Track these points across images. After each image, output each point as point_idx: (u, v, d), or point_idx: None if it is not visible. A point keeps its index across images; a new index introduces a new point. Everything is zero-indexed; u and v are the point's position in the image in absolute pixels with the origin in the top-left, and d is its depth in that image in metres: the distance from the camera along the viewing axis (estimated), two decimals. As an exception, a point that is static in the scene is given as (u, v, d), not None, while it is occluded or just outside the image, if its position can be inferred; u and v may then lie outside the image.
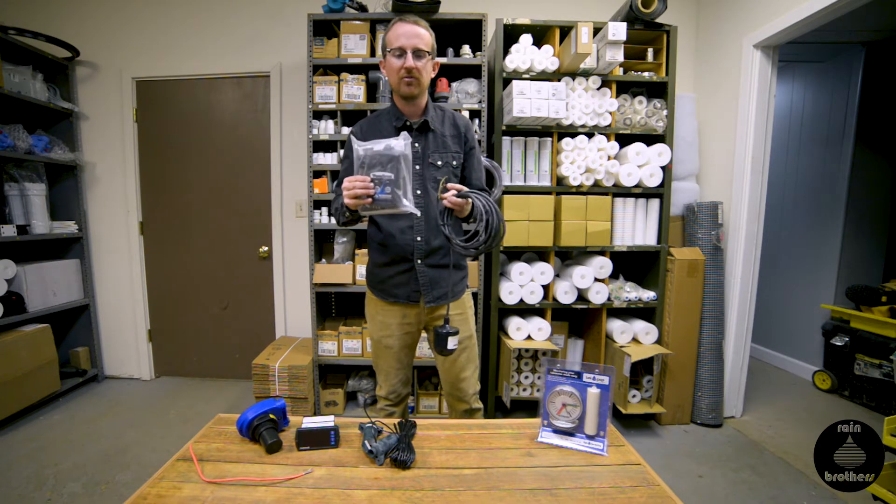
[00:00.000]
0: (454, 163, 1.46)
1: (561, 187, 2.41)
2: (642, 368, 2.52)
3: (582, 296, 2.46)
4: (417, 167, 1.40)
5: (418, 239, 1.42)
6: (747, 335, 2.60)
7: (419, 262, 1.43)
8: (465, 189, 1.23)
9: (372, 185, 1.15)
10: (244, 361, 3.03)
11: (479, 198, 1.20)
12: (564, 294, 2.42)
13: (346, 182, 1.16)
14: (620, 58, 2.22)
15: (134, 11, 2.93)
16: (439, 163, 1.43)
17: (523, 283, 2.40)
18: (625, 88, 2.50)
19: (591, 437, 1.12)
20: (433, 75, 1.42)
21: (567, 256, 2.71)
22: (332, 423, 1.11)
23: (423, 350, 2.47)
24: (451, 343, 1.29)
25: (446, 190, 1.21)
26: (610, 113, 2.36)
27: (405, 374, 1.61)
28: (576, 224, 2.36)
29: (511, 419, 1.24)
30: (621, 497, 0.92)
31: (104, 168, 3.03)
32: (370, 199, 1.16)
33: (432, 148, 1.43)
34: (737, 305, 2.54)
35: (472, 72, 2.52)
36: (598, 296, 2.41)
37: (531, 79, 2.31)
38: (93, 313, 3.08)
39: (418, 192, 1.40)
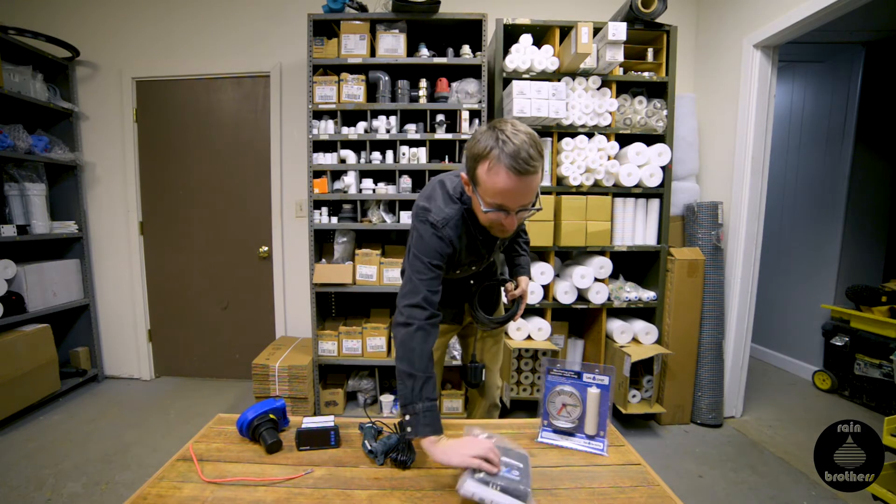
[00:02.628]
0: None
1: (561, 187, 2.41)
2: (642, 368, 2.52)
3: (582, 296, 2.46)
4: (490, 258, 1.36)
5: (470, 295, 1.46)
6: (747, 335, 2.60)
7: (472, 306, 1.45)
8: (524, 288, 1.39)
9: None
10: (244, 361, 3.03)
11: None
12: (564, 294, 2.42)
13: (485, 455, 0.92)
14: (620, 58, 2.22)
15: (134, 11, 2.93)
16: (507, 243, 1.46)
17: (523, 283, 2.40)
18: (625, 88, 2.50)
19: (591, 437, 1.12)
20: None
21: (567, 256, 2.72)
22: (332, 423, 1.11)
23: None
24: (483, 375, 1.39)
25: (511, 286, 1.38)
26: (610, 113, 2.36)
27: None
28: (576, 224, 2.36)
29: (511, 419, 1.24)
30: (621, 497, 0.92)
31: (104, 168, 3.03)
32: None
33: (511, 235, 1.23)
34: (737, 305, 2.54)
35: (472, 72, 2.52)
36: (598, 296, 2.41)
37: (531, 79, 2.31)
38: (93, 313, 3.08)
39: (473, 268, 1.35)
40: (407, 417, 0.98)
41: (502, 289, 1.35)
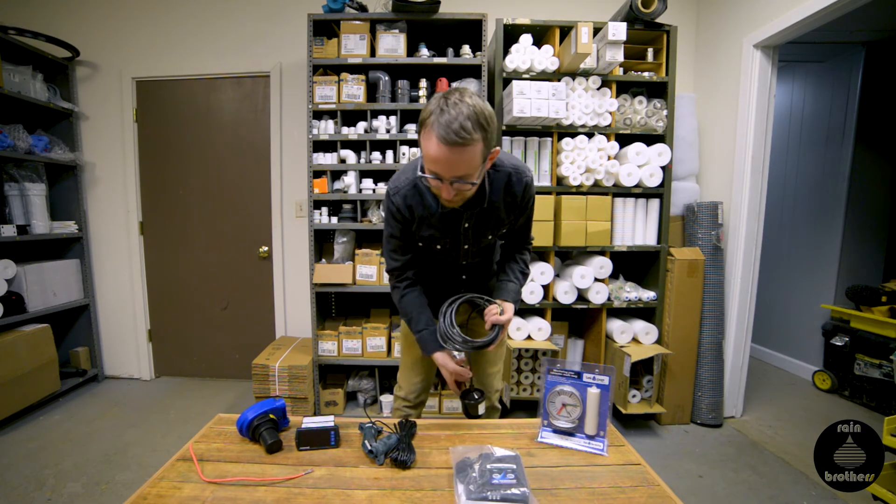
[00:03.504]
0: (504, 229, 1.33)
1: (561, 187, 2.41)
2: (642, 368, 2.52)
3: (582, 296, 2.46)
4: (467, 246, 1.30)
5: (462, 290, 1.39)
6: (747, 335, 2.60)
7: (462, 290, 1.41)
8: (509, 318, 1.25)
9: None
10: (244, 361, 3.03)
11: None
12: (564, 294, 2.41)
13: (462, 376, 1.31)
14: (620, 58, 2.22)
15: (134, 11, 2.93)
16: (489, 236, 1.31)
17: (523, 283, 2.39)
18: (625, 88, 2.50)
19: (591, 437, 1.12)
20: (488, 167, 1.13)
21: (567, 256, 2.71)
22: (332, 423, 1.11)
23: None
24: (481, 409, 1.31)
25: (495, 309, 1.24)
26: (610, 113, 2.36)
27: (427, 376, 1.55)
28: (576, 224, 2.36)
29: (511, 419, 1.24)
30: (621, 497, 0.92)
31: (104, 168, 3.03)
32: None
33: (483, 224, 1.26)
34: (737, 305, 2.54)
35: (472, 72, 2.52)
36: (598, 296, 2.41)
37: (531, 79, 2.31)
38: (93, 313, 3.07)
39: (464, 262, 1.35)
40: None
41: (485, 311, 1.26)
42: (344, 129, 2.49)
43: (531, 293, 2.40)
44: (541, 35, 2.41)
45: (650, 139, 2.46)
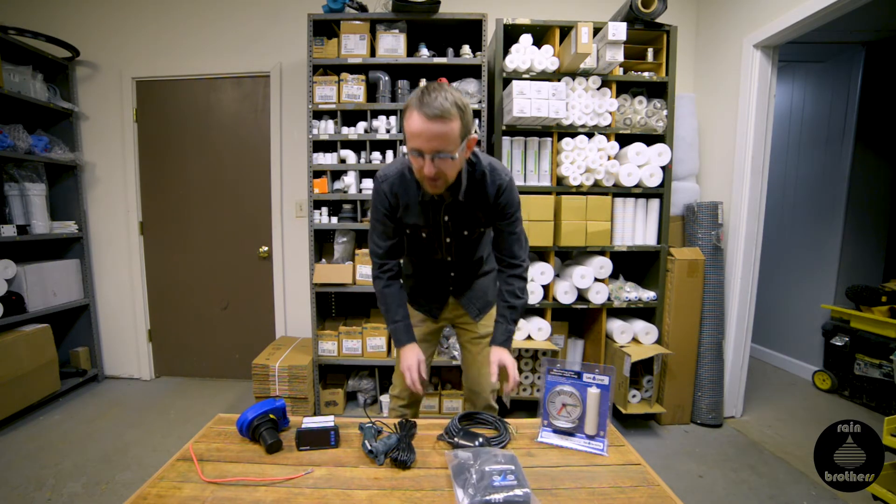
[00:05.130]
0: (482, 229, 1.40)
1: (561, 187, 2.41)
2: (642, 368, 2.52)
3: (582, 296, 2.46)
4: (448, 240, 1.38)
5: (451, 288, 1.53)
6: (747, 335, 2.60)
7: (451, 288, 1.52)
8: (513, 374, 1.34)
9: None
10: (244, 361, 3.03)
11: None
12: (564, 294, 2.41)
13: (409, 374, 1.34)
14: (620, 58, 2.22)
15: (134, 11, 2.92)
16: (465, 232, 1.37)
17: (523, 283, 2.39)
18: (625, 88, 2.50)
19: (591, 437, 1.12)
20: (467, 155, 1.21)
21: (567, 256, 2.72)
22: (332, 423, 1.11)
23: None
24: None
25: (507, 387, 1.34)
26: (610, 113, 2.36)
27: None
28: (576, 224, 2.36)
29: (511, 419, 1.24)
30: (621, 497, 0.92)
31: (104, 168, 3.03)
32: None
33: (462, 220, 1.34)
34: (737, 305, 2.54)
35: (472, 72, 2.52)
36: (598, 296, 2.41)
37: (531, 79, 2.31)
38: (93, 313, 3.07)
39: (448, 259, 1.44)
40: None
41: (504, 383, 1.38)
42: (344, 129, 2.49)
43: (531, 293, 2.40)
44: (541, 35, 2.41)
45: (650, 139, 2.46)
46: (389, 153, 2.48)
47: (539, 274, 2.39)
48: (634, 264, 2.69)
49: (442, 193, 1.24)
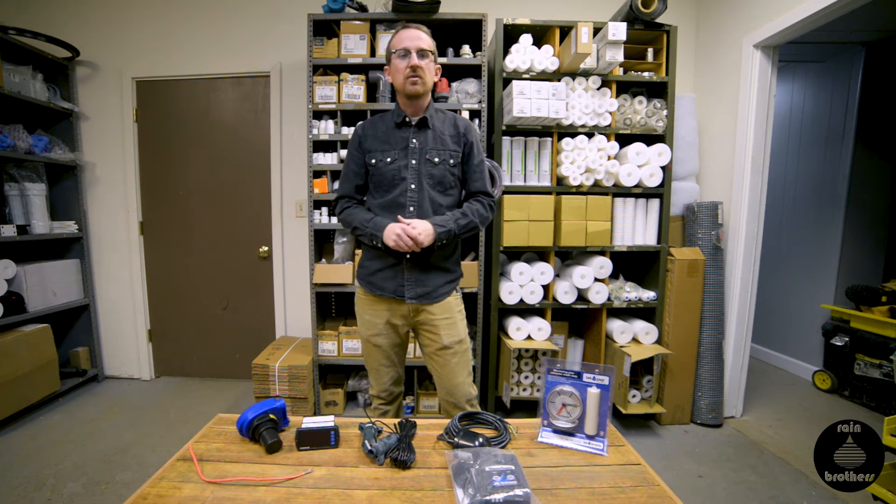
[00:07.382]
0: (451, 161, 1.52)
1: (561, 187, 2.41)
2: (642, 368, 2.52)
3: (582, 296, 2.46)
4: (414, 161, 1.49)
5: (408, 256, 1.50)
6: (747, 335, 2.60)
7: (407, 256, 1.48)
8: (414, 231, 1.41)
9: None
10: (244, 361, 3.03)
11: None
12: (564, 294, 2.41)
13: (401, 232, 1.37)
14: (620, 58, 2.22)
15: (134, 11, 2.93)
16: (436, 160, 1.50)
17: (523, 283, 2.39)
18: (625, 88, 2.50)
19: (591, 437, 1.12)
20: (436, 79, 1.51)
21: (567, 256, 2.71)
22: (332, 423, 1.11)
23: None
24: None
25: None
26: (610, 113, 2.36)
27: (396, 372, 1.65)
28: (576, 224, 2.36)
29: (511, 419, 1.24)
30: (621, 497, 0.92)
31: (104, 168, 3.03)
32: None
33: (430, 145, 1.50)
34: (737, 305, 2.54)
35: (472, 72, 2.52)
36: (598, 296, 2.41)
37: (531, 79, 2.31)
38: (93, 313, 3.08)
39: (412, 186, 1.47)
40: (371, 235, 1.46)
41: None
42: (344, 129, 2.48)
43: (531, 293, 2.40)
44: (541, 35, 2.41)
45: (650, 139, 2.46)
46: (389, 153, 2.47)
47: (539, 274, 2.39)
48: (634, 264, 2.69)
49: (414, 118, 1.49)
